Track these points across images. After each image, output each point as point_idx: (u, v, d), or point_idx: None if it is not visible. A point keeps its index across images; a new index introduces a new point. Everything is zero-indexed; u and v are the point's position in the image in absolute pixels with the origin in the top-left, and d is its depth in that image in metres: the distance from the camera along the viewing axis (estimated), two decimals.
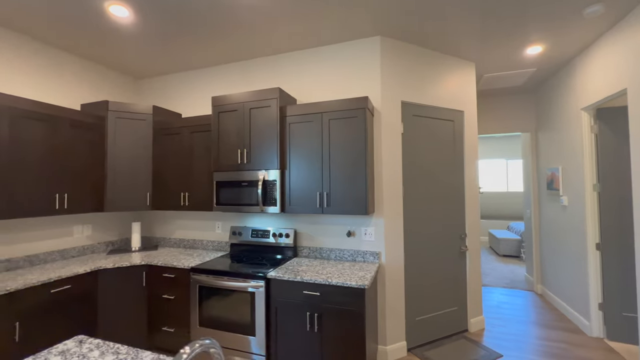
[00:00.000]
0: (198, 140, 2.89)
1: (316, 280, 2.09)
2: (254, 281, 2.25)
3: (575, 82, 3.06)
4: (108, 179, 2.82)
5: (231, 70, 3.19)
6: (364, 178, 2.30)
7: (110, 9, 2.19)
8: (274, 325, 2.21)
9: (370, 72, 2.64)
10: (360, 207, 2.30)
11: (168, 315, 2.57)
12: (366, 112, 2.31)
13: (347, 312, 2.03)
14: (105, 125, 2.83)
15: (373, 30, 2.55)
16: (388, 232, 2.57)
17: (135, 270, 2.63)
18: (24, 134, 2.28)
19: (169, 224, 3.38)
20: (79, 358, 1.14)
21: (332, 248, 2.69)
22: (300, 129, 2.50)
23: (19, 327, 2.02)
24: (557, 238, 3.56)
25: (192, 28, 2.48)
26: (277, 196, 2.48)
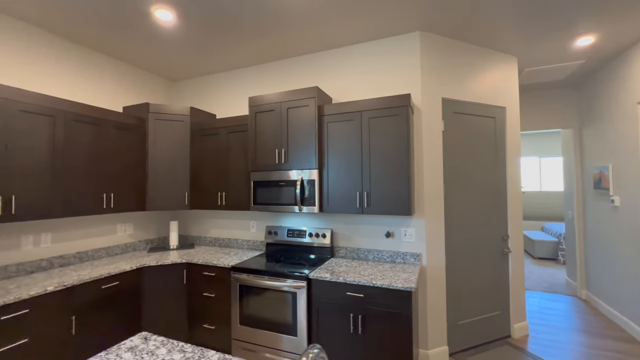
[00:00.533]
0: (234, 141, 2.92)
1: (360, 282, 2.06)
2: (295, 281, 2.24)
3: (630, 74, 2.86)
4: (149, 179, 2.90)
5: (265, 70, 3.20)
6: (406, 177, 2.24)
7: (156, 13, 2.24)
8: (316, 326, 2.19)
9: (409, 69, 2.57)
10: (402, 207, 2.24)
11: (208, 312, 2.62)
12: (409, 109, 2.25)
13: (393, 315, 1.98)
14: (146, 127, 2.92)
15: (412, 26, 2.48)
16: (429, 232, 2.50)
17: (176, 268, 2.69)
18: (76, 136, 2.38)
19: (204, 223, 3.45)
20: (148, 355, 1.16)
21: (370, 249, 2.64)
22: (338, 128, 2.47)
23: (75, 321, 2.11)
24: (606, 240, 3.35)
25: (232, 29, 2.51)
26: (316, 196, 2.46)
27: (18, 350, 1.81)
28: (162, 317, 2.64)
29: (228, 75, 3.41)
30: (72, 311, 2.09)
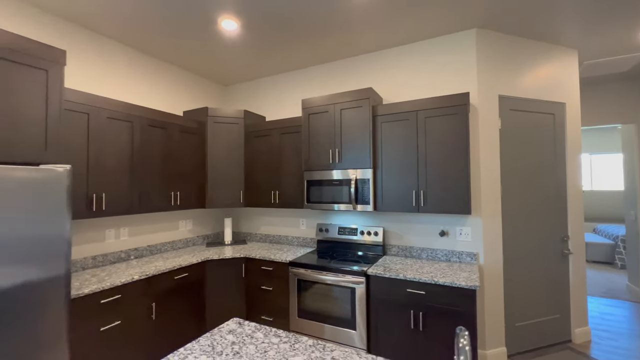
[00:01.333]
0: (286, 142, 3.05)
1: (420, 279, 2.09)
2: (353, 277, 2.32)
3: None
4: (208, 179, 3.10)
5: (313, 72, 3.30)
6: (466, 176, 2.23)
7: (223, 23, 2.40)
8: (374, 320, 2.25)
9: (464, 67, 2.55)
10: (462, 206, 2.24)
11: (266, 304, 2.76)
12: (468, 108, 2.24)
13: (455, 313, 2.00)
14: (205, 130, 3.12)
15: (468, 23, 2.46)
16: (486, 232, 2.47)
17: (236, 262, 2.87)
18: (149, 140, 2.61)
19: (255, 220, 3.62)
20: (248, 338, 1.28)
21: (424, 247, 2.66)
22: (392, 127, 2.51)
23: (155, 307, 2.32)
24: None
25: (290, 35, 2.62)
26: (370, 195, 2.52)
27: (113, 330, 2.04)
28: (222, 307, 2.82)
29: (277, 78, 3.55)
30: (152, 298, 2.31)
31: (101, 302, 1.98)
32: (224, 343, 1.24)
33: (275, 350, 1.18)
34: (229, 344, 1.23)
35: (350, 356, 1.13)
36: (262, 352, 1.17)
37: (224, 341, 1.25)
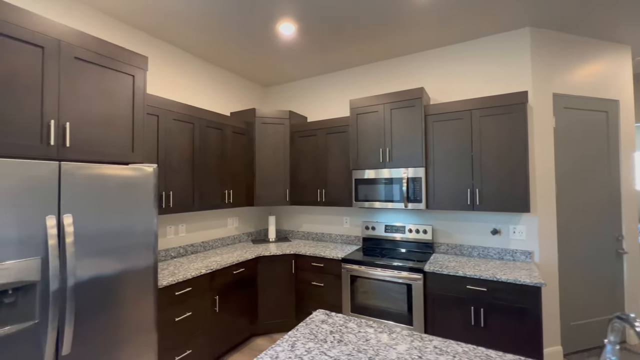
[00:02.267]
0: (332, 141, 3.11)
1: (482, 276, 2.12)
2: (410, 273, 2.36)
3: None
4: (256, 178, 3.20)
5: (357, 73, 3.35)
6: (524, 175, 2.24)
7: (280, 27, 2.48)
8: (432, 317, 2.29)
9: (517, 66, 2.55)
10: (519, 204, 2.25)
11: (317, 299, 2.83)
12: (526, 107, 2.25)
13: (518, 310, 2.01)
14: (253, 130, 3.22)
15: (522, 22, 2.46)
16: (542, 230, 2.47)
17: (286, 258, 2.95)
18: (207, 140, 2.72)
19: (297, 218, 3.71)
20: (343, 327, 1.35)
21: (474, 246, 2.67)
22: (445, 126, 2.54)
23: (218, 300, 2.43)
24: None
25: (342, 37, 2.68)
26: (423, 193, 2.55)
27: (186, 321, 2.15)
28: (273, 301, 2.91)
29: (318, 79, 3.62)
30: (216, 291, 2.42)
31: (176, 294, 2.09)
32: (322, 332, 1.31)
33: (376, 339, 1.24)
34: (327, 333, 1.30)
35: (450, 345, 1.18)
36: (364, 340, 1.23)
37: (321, 330, 1.32)
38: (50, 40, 1.49)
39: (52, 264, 1.30)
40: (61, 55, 1.53)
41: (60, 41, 1.53)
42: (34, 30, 1.44)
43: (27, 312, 1.28)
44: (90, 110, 1.64)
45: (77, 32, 1.59)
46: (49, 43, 1.49)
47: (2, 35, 1.34)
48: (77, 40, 1.59)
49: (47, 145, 1.47)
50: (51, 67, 1.49)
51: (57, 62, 1.51)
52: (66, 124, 1.53)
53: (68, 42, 1.56)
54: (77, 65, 1.59)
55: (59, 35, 1.52)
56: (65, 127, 1.53)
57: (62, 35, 1.53)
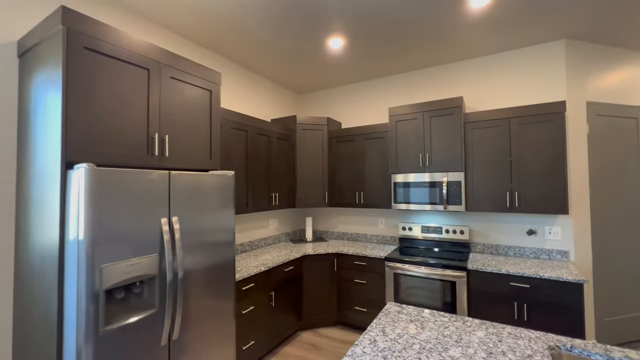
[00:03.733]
0: (370, 146, 3.29)
1: (524, 274, 2.27)
2: (454, 271, 2.53)
3: None
4: (298, 181, 3.39)
5: (393, 81, 3.53)
6: (563, 179, 2.40)
7: (330, 42, 2.67)
8: (475, 313, 2.45)
9: (553, 76, 2.71)
10: (557, 206, 2.41)
11: (359, 296, 3.01)
12: (565, 116, 2.40)
13: (561, 306, 2.17)
14: (294, 136, 3.41)
15: (558, 34, 2.61)
16: (577, 231, 2.61)
17: (328, 257, 3.13)
18: (257, 146, 2.92)
19: (332, 219, 3.89)
20: (419, 317, 1.52)
21: (510, 245, 2.83)
22: (484, 133, 2.70)
23: (274, 295, 2.62)
24: None
25: (386, 48, 2.86)
26: (462, 196, 2.71)
27: (250, 314, 2.34)
28: (317, 297, 3.09)
29: (352, 87, 3.80)
30: (271, 287, 2.61)
31: (242, 289, 2.29)
32: (403, 320, 1.48)
33: (454, 327, 1.41)
34: (408, 321, 1.47)
35: (522, 332, 1.35)
36: (443, 328, 1.40)
37: (401, 318, 1.50)
38: (153, 63, 1.69)
39: (167, 259, 1.50)
40: (161, 76, 1.73)
41: (160, 64, 1.73)
42: (141, 55, 1.64)
43: (149, 301, 1.47)
44: (182, 123, 1.84)
45: (171, 54, 1.79)
46: (152, 65, 1.69)
47: (118, 60, 1.54)
48: (172, 61, 1.79)
49: (151, 156, 1.67)
50: (154, 87, 1.69)
51: (158, 82, 1.71)
52: (165, 136, 1.73)
53: (165, 63, 1.76)
54: (172, 84, 1.79)
55: (158, 58, 1.72)
56: (165, 139, 1.73)
57: (161, 58, 1.73)
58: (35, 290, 1.44)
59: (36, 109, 1.50)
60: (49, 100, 1.41)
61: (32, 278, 1.46)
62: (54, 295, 1.33)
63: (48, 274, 1.36)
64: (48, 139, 1.40)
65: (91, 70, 1.43)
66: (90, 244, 1.25)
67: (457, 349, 1.21)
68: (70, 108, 1.35)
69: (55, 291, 1.32)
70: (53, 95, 1.38)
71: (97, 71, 1.45)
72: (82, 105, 1.39)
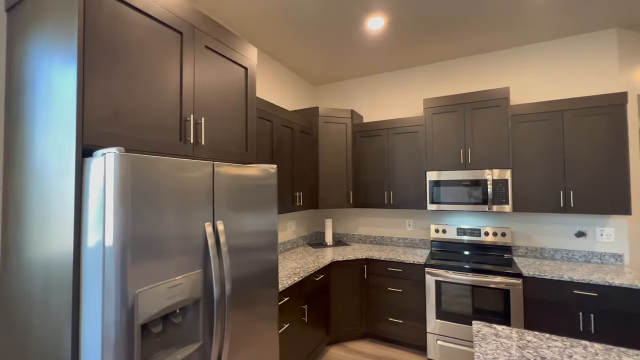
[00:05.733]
0: (400, 141, 3.01)
1: (591, 280, 2.06)
2: (507, 278, 2.28)
3: None
4: (320, 179, 3.07)
5: (419, 71, 3.28)
6: (624, 175, 2.21)
7: (369, 22, 2.38)
8: (533, 324, 2.22)
9: (603, 66, 2.53)
10: (619, 206, 2.22)
11: (393, 306, 2.72)
12: (625, 108, 2.22)
13: (634, 316, 1.96)
14: (317, 129, 3.09)
15: (610, 22, 2.44)
16: (632, 232, 2.44)
17: (357, 263, 2.83)
18: (282, 139, 2.58)
19: (353, 220, 3.59)
20: (520, 340, 1.25)
21: (557, 248, 2.63)
22: (532, 127, 2.48)
23: (307, 309, 2.29)
24: None
25: (428, 30, 2.59)
26: (509, 195, 2.49)
27: (284, 333, 2.00)
28: (345, 308, 2.78)
29: (372, 78, 3.52)
30: (303, 300, 2.28)
31: (279, 304, 1.95)
32: (508, 347, 1.20)
33: (579, 355, 1.15)
34: (516, 347, 1.19)
35: None
36: (567, 357, 1.13)
37: (504, 344, 1.22)
38: (187, 27, 1.34)
39: (214, 274, 1.15)
40: (195, 44, 1.38)
41: (195, 28, 1.37)
42: (174, 13, 1.28)
43: (192, 332, 1.12)
44: (217, 105, 1.49)
45: (206, 18, 1.44)
46: (186, 29, 1.34)
47: (147, 16, 1.18)
48: (208, 27, 1.44)
49: (184, 143, 1.32)
50: (187, 56, 1.34)
51: (192, 50, 1.36)
52: (201, 119, 1.38)
53: (201, 29, 1.41)
54: (206, 56, 1.44)
55: (193, 21, 1.37)
56: (201, 123, 1.38)
57: (196, 21, 1.38)
58: (34, 329, 1.05)
59: (35, 78, 1.11)
60: (56, 66, 1.03)
61: (28, 310, 1.07)
62: (64, 335, 0.95)
63: (55, 304, 0.99)
64: (55, 118, 1.03)
65: (114, 27, 1.07)
66: (122, 258, 0.89)
67: None
68: (89, 76, 0.99)
69: (67, 329, 0.95)
70: (64, 60, 1.00)
71: (121, 30, 1.09)
72: (103, 74, 1.03)
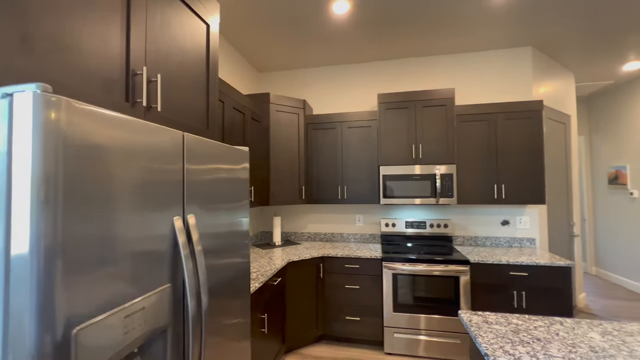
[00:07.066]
0: (354, 135, 2.97)
1: (523, 262, 2.35)
2: (457, 266, 2.43)
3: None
4: (272, 173, 2.79)
5: (370, 68, 3.30)
6: (541, 171, 2.60)
7: (334, 5, 2.24)
8: (478, 305, 2.41)
9: (523, 77, 2.96)
10: (537, 197, 2.60)
11: (351, 304, 2.64)
12: (542, 114, 2.62)
13: (553, 290, 2.31)
14: (268, 118, 2.80)
15: (526, 41, 2.87)
16: (540, 219, 2.91)
17: (313, 262, 2.65)
18: (233, 125, 2.22)
19: (302, 218, 3.39)
20: (509, 324, 1.28)
21: (487, 236, 2.96)
22: (472, 126, 2.73)
23: (266, 318, 2.00)
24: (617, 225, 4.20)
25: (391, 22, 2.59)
26: (454, 188, 2.68)
27: None
28: (300, 312, 2.58)
29: (326, 70, 3.41)
30: (262, 308, 1.98)
31: None
32: (503, 332, 1.21)
33: (563, 331, 1.22)
34: (510, 332, 1.20)
35: (621, 327, 1.26)
36: (554, 334, 1.19)
37: (499, 331, 1.22)
38: None
39: (190, 285, 0.82)
40: None
41: None
42: None
43: None
44: (176, 63, 1.12)
45: None
46: None
47: None
48: None
49: (132, 105, 0.93)
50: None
51: None
52: (157, 76, 1.00)
53: None
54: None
55: None
56: (156, 82, 1.00)
57: None
58: None
59: None
60: None
61: None
62: None
63: None
64: None
65: None
66: (46, 274, 0.52)
67: None
68: None
69: None
70: None
71: None
72: None
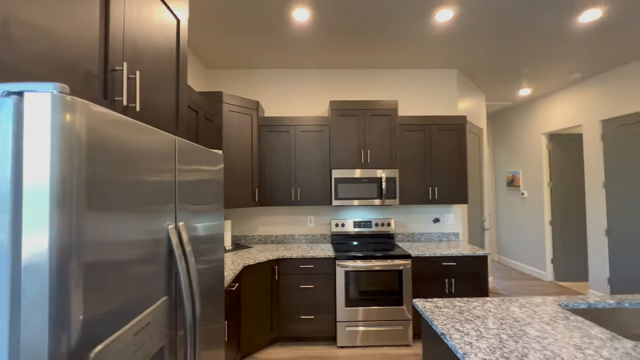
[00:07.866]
0: (307, 139, 3.06)
1: (453, 254, 2.75)
2: (401, 260, 2.71)
3: (538, 115, 4.65)
4: (226, 175, 2.69)
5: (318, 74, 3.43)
6: (464, 176, 3.08)
7: (295, 13, 2.29)
8: (417, 294, 2.73)
9: (451, 95, 3.45)
10: (462, 198, 3.07)
11: (305, 303, 2.71)
12: (465, 127, 3.10)
13: (475, 275, 2.77)
14: (220, 118, 2.69)
15: (453, 64, 3.36)
16: (462, 217, 3.43)
17: (267, 265, 2.65)
18: (187, 125, 2.10)
19: (253, 221, 3.33)
20: (457, 307, 1.53)
21: (422, 232, 3.36)
22: (411, 135, 3.08)
23: (227, 326, 1.93)
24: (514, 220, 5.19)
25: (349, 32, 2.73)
26: (397, 191, 2.98)
27: None
28: (255, 316, 2.55)
29: (278, 72, 3.42)
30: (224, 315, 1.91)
31: None
32: (450, 314, 1.43)
33: (493, 308, 1.50)
34: (456, 312, 1.44)
35: (530, 300, 1.60)
36: (487, 312, 1.46)
37: (447, 313, 1.45)
38: None
39: (185, 298, 0.79)
40: None
41: None
42: None
43: None
44: (151, 58, 1.05)
45: None
46: None
47: None
48: None
49: (110, 103, 0.85)
50: None
51: None
52: (135, 73, 0.93)
53: None
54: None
55: None
56: (135, 79, 0.93)
57: None
58: None
59: None
60: None
61: None
62: None
63: None
64: None
65: None
66: (63, 284, 0.47)
67: (528, 327, 1.29)
68: None
69: None
70: None
71: None
72: None
